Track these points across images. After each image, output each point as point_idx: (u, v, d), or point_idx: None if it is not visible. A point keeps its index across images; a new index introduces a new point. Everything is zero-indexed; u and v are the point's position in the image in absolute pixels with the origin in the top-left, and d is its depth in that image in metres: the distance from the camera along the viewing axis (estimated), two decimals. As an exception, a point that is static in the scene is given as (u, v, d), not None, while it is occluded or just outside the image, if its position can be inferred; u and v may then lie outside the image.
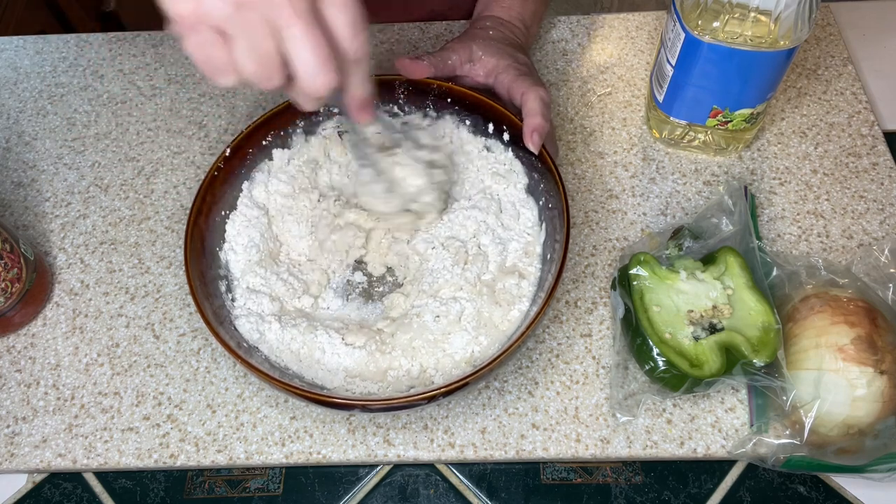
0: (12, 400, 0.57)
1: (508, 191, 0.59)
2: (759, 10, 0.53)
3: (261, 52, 0.37)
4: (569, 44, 0.76)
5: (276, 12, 0.36)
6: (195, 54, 0.37)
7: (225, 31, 0.36)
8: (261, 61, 0.37)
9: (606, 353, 0.57)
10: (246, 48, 0.37)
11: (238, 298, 0.55)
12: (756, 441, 0.51)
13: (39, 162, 0.71)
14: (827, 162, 0.66)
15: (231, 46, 0.37)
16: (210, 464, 0.54)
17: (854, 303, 0.51)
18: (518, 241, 0.57)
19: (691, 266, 0.55)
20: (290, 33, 0.36)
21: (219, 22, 0.36)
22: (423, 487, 0.53)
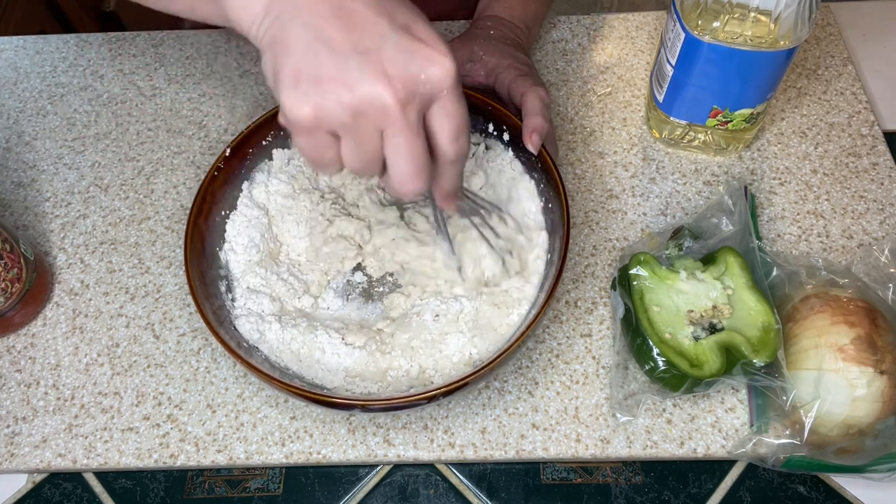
0: (12, 400, 0.57)
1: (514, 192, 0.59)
2: (759, 10, 0.53)
3: (366, 153, 0.39)
4: (569, 44, 0.76)
5: (387, 120, 0.37)
6: (307, 153, 0.39)
7: (337, 134, 0.38)
8: (364, 160, 0.39)
9: (606, 353, 0.57)
10: (354, 149, 0.38)
11: (238, 298, 0.55)
12: (756, 441, 0.51)
13: (39, 162, 0.71)
14: (827, 162, 0.66)
15: (340, 146, 0.39)
16: (210, 464, 0.54)
17: (854, 303, 0.51)
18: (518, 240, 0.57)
19: (691, 266, 0.55)
20: (394, 142, 0.38)
21: (334, 127, 0.37)
22: (423, 487, 0.53)
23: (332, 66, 0.36)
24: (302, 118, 0.37)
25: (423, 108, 0.38)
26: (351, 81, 0.36)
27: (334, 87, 0.36)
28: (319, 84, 0.36)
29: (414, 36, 0.37)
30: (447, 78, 0.37)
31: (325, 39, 0.36)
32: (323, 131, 0.38)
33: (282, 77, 0.37)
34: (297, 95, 0.36)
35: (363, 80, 0.36)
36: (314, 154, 0.39)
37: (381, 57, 0.36)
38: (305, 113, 0.36)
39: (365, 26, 0.36)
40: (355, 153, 0.39)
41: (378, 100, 0.36)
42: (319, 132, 0.38)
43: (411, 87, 0.37)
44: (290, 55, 0.37)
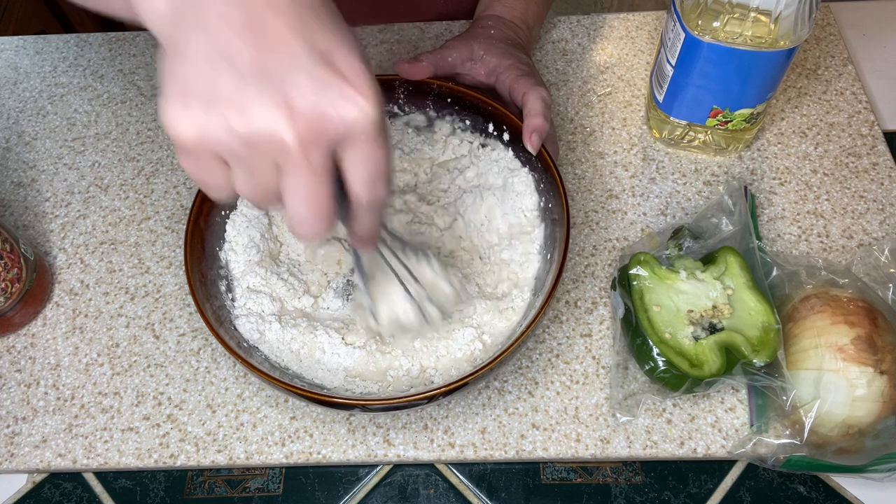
0: (12, 400, 0.57)
1: (511, 191, 0.59)
2: (759, 10, 0.53)
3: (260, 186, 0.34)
4: (569, 44, 0.76)
5: (284, 158, 0.32)
6: (189, 173, 0.35)
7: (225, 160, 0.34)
8: (257, 193, 0.35)
9: (606, 353, 0.57)
10: (245, 179, 0.34)
11: (238, 298, 0.55)
12: (756, 441, 0.51)
13: (39, 162, 0.71)
14: (827, 162, 0.66)
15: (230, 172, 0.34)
16: (210, 464, 0.54)
17: (854, 303, 0.51)
18: (518, 240, 0.57)
19: (691, 266, 0.55)
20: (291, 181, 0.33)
21: (221, 152, 0.33)
22: (423, 487, 0.53)
23: (228, 85, 0.31)
24: (183, 137, 0.32)
25: (333, 147, 0.33)
26: (247, 107, 0.31)
27: (226, 110, 0.31)
28: (210, 104, 0.32)
29: (333, 66, 0.32)
30: (363, 120, 0.32)
31: (227, 54, 0.31)
32: (207, 155, 0.33)
33: (170, 86, 0.32)
34: (181, 111, 0.32)
35: (261, 109, 0.31)
36: (197, 176, 0.35)
37: (287, 86, 0.31)
38: (187, 132, 0.32)
39: (277, 46, 0.32)
40: (246, 183, 0.34)
41: (275, 135, 0.31)
42: (203, 155, 0.33)
43: (318, 126, 0.32)
44: (183, 63, 0.32)
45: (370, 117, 0.32)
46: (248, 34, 0.31)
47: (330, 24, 0.33)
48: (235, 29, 0.31)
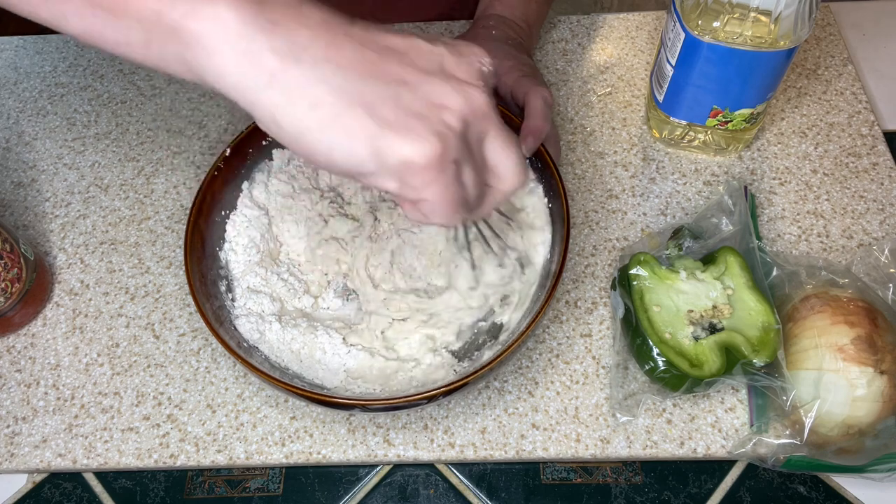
0: (12, 400, 0.57)
1: None
2: (759, 10, 0.53)
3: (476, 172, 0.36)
4: (569, 44, 0.76)
5: (487, 121, 0.36)
6: (440, 198, 0.34)
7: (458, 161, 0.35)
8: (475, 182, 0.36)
9: (606, 353, 0.57)
10: (469, 172, 0.36)
11: (238, 298, 0.55)
12: (756, 441, 0.51)
13: (39, 162, 0.71)
14: (827, 162, 0.66)
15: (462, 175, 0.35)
16: (210, 464, 0.54)
17: (854, 303, 0.51)
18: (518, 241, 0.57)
19: (691, 266, 0.55)
20: (498, 142, 0.36)
21: (457, 151, 0.34)
22: (423, 487, 0.53)
23: (419, 97, 0.33)
24: (435, 152, 0.33)
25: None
26: (445, 99, 0.34)
27: (435, 110, 0.33)
28: (422, 116, 0.33)
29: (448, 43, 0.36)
30: (491, 62, 0.38)
31: (395, 78, 0.33)
32: (450, 161, 0.34)
33: (380, 137, 0.32)
34: (414, 136, 0.32)
35: (454, 92, 0.34)
36: (450, 198, 0.35)
37: (449, 70, 0.35)
38: (435, 144, 0.33)
39: (414, 54, 0.35)
40: (475, 176, 0.36)
41: (474, 101, 0.35)
42: (448, 163, 0.34)
43: (484, 82, 0.36)
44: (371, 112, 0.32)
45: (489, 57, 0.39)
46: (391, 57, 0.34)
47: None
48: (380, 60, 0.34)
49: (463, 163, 0.35)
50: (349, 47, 0.33)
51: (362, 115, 0.32)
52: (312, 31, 0.32)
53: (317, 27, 0.33)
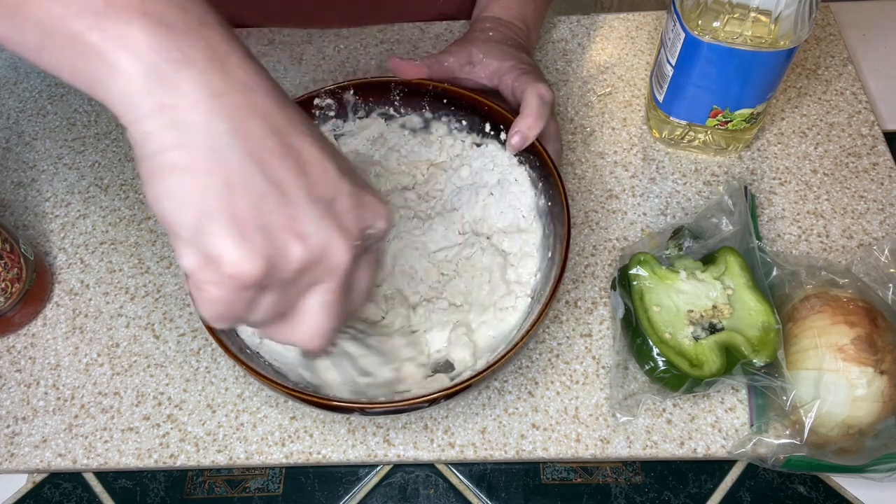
0: (12, 400, 0.57)
1: (507, 191, 0.59)
2: (759, 10, 0.53)
3: (281, 309, 0.34)
4: (569, 44, 0.76)
5: (330, 277, 0.33)
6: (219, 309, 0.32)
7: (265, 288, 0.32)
8: (273, 315, 0.34)
9: (606, 353, 0.57)
10: (272, 304, 0.33)
11: None
12: (756, 441, 0.51)
13: (39, 162, 0.71)
14: (827, 162, 0.66)
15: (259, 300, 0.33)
16: (210, 464, 0.54)
17: (854, 303, 0.51)
18: (517, 242, 0.57)
19: (691, 266, 0.55)
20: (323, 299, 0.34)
21: (275, 283, 0.32)
22: (423, 487, 0.53)
23: (284, 213, 0.31)
24: (250, 274, 0.30)
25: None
26: (306, 234, 0.31)
27: (288, 238, 0.31)
28: (270, 234, 0.31)
29: (358, 183, 0.34)
30: (386, 229, 0.36)
31: (276, 180, 0.31)
32: (255, 286, 0.31)
33: (215, 220, 0.30)
34: (245, 246, 0.30)
35: (322, 233, 0.32)
36: (229, 311, 0.32)
37: (337, 209, 0.33)
38: (257, 267, 0.30)
39: (315, 171, 0.32)
40: (271, 308, 0.33)
41: (334, 256, 0.32)
42: (251, 287, 0.31)
43: (360, 239, 0.34)
44: (228, 193, 0.30)
45: (389, 221, 0.35)
46: (289, 160, 0.31)
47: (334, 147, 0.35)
48: (275, 154, 0.31)
49: (269, 292, 0.33)
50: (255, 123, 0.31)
51: (219, 190, 0.30)
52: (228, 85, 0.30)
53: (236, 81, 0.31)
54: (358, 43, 0.77)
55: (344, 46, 0.77)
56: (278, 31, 0.78)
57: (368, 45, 0.76)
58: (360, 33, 0.77)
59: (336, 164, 0.33)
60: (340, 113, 0.61)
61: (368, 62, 0.75)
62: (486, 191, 0.59)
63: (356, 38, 0.77)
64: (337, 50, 0.76)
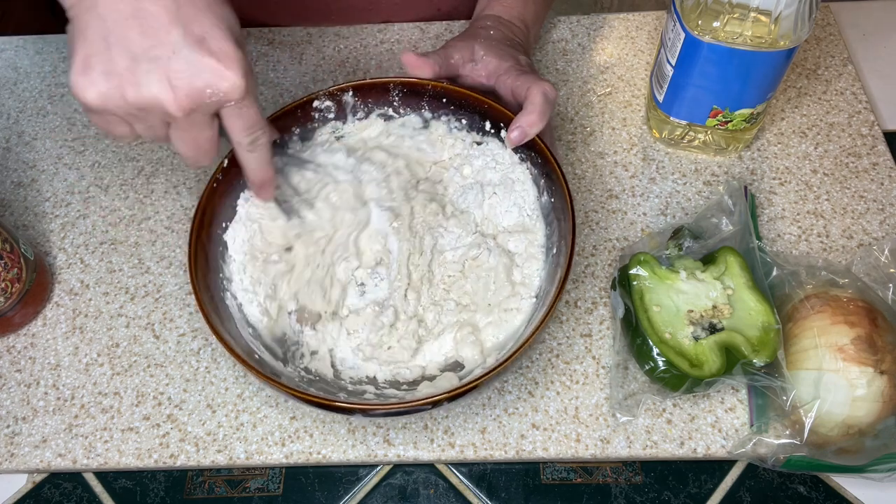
0: (12, 400, 0.57)
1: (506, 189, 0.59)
2: (759, 10, 0.53)
3: (153, 134, 0.43)
4: (569, 44, 0.76)
5: (170, 118, 0.42)
6: (97, 125, 0.43)
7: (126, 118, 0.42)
8: (154, 138, 0.44)
9: (606, 353, 0.57)
10: (142, 129, 0.43)
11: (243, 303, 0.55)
12: (756, 441, 0.51)
13: (39, 162, 0.71)
14: (827, 162, 0.66)
15: (132, 124, 0.43)
16: (210, 464, 0.54)
17: (854, 303, 0.51)
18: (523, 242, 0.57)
19: (691, 266, 0.55)
20: (176, 134, 0.43)
21: (119, 114, 0.41)
22: (423, 487, 0.53)
23: (122, 64, 0.39)
24: (88, 101, 0.40)
25: (212, 110, 0.42)
26: (138, 83, 0.39)
27: (121, 83, 0.39)
28: (108, 77, 0.39)
29: (206, 49, 0.40)
30: (234, 91, 0.41)
31: (119, 37, 0.39)
32: (109, 114, 0.41)
33: (75, 59, 0.40)
34: (85, 81, 0.39)
35: (149, 85, 0.39)
36: (103, 128, 0.43)
37: (169, 67, 0.39)
38: (91, 98, 0.40)
39: (159, 33, 0.39)
40: (145, 132, 0.43)
41: (160, 105, 0.40)
42: (106, 114, 0.41)
43: (195, 98, 0.40)
44: (84, 42, 0.39)
45: (238, 88, 0.41)
46: (135, 21, 0.39)
47: (206, 10, 0.40)
48: (124, 16, 0.39)
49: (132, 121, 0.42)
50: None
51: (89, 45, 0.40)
52: None
53: None
54: (358, 43, 0.77)
55: (344, 46, 0.77)
56: (278, 30, 0.78)
57: (368, 45, 0.76)
58: (360, 33, 0.77)
59: (183, 30, 0.39)
60: (340, 115, 0.61)
61: (368, 62, 0.75)
62: (491, 189, 0.59)
63: (356, 37, 0.77)
64: (337, 50, 0.76)
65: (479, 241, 0.56)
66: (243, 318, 0.54)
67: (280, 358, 0.53)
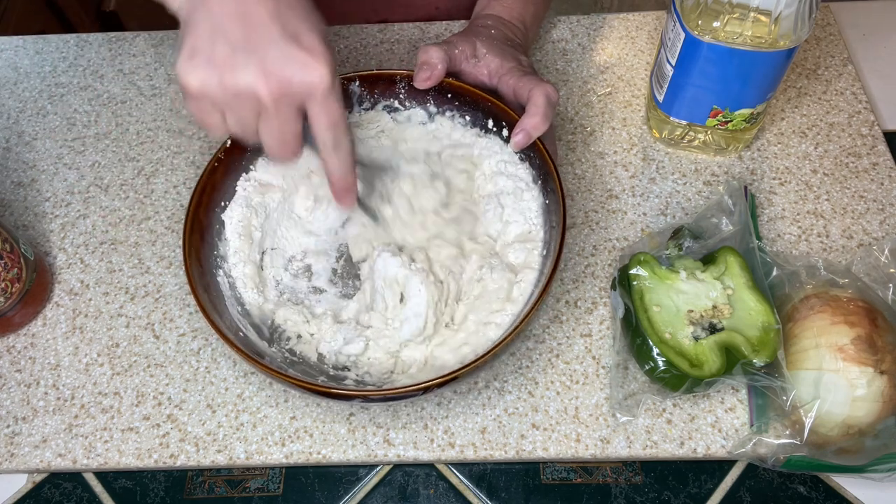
0: (12, 400, 0.57)
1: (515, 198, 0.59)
2: (759, 10, 0.53)
3: (244, 126, 0.45)
4: (569, 44, 0.76)
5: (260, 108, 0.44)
6: (192, 113, 0.46)
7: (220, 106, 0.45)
8: (242, 130, 0.46)
9: (606, 353, 0.57)
10: (233, 119, 0.45)
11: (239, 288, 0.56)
12: (756, 441, 0.51)
13: (39, 162, 0.71)
14: (827, 162, 0.66)
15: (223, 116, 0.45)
16: (210, 464, 0.54)
17: (854, 303, 0.51)
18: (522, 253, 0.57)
19: (691, 266, 0.55)
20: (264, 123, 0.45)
21: (216, 100, 0.44)
22: (423, 487, 0.53)
23: (223, 53, 0.42)
24: (189, 86, 0.43)
25: (299, 102, 0.44)
26: (235, 69, 0.42)
27: (221, 70, 0.42)
28: (210, 64, 0.43)
29: (300, 44, 0.43)
30: (321, 84, 0.43)
31: (223, 31, 0.43)
32: (206, 101, 0.44)
33: (183, 48, 0.43)
34: (189, 66, 0.43)
35: (246, 71, 0.42)
36: (197, 116, 0.45)
37: (265, 57, 0.42)
38: (193, 82, 0.43)
39: (258, 28, 0.42)
40: (234, 123, 0.45)
41: (253, 91, 0.43)
42: (204, 100, 0.44)
43: (285, 88, 0.43)
44: (192, 34, 0.43)
45: (325, 80, 0.43)
46: (238, 18, 0.43)
47: (301, 11, 0.44)
48: (229, 14, 0.43)
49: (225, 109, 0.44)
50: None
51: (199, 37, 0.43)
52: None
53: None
54: (358, 42, 0.77)
55: (344, 46, 0.77)
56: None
57: (368, 44, 0.76)
58: (360, 33, 0.77)
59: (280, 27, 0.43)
60: (345, 104, 0.61)
61: (368, 62, 0.75)
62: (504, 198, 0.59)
63: (356, 37, 0.77)
64: (337, 50, 0.76)
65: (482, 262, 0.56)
66: (234, 297, 0.55)
67: (266, 338, 0.54)
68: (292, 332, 0.55)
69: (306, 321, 0.55)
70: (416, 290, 0.53)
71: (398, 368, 0.53)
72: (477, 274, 0.55)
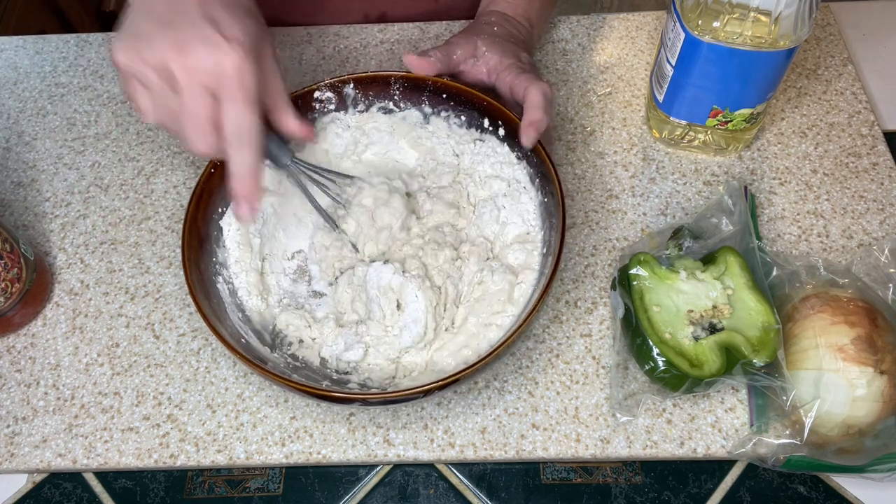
0: (12, 400, 0.57)
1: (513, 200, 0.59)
2: (759, 10, 0.53)
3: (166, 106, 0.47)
4: (569, 44, 0.76)
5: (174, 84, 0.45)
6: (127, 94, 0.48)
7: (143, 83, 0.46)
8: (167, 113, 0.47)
9: (606, 353, 0.57)
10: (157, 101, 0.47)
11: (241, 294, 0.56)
12: (756, 441, 0.51)
13: (39, 162, 0.71)
14: (827, 162, 0.66)
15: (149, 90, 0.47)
16: (210, 464, 0.54)
17: (854, 303, 0.51)
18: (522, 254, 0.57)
19: (691, 266, 0.55)
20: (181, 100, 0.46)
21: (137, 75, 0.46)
22: (423, 487, 0.53)
23: (147, 29, 0.46)
24: (117, 61, 0.46)
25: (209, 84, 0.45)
26: (152, 43, 0.45)
27: (141, 44, 0.45)
28: (133, 38, 0.46)
29: (217, 27, 0.45)
30: (230, 70, 0.45)
31: (151, 10, 0.46)
32: (133, 77, 0.46)
33: (121, 26, 0.47)
34: (118, 44, 0.46)
35: (161, 45, 0.45)
36: (128, 94, 0.48)
37: (180, 34, 0.45)
38: (120, 58, 0.46)
39: (182, 10, 0.45)
40: (158, 105, 0.47)
41: (165, 65, 0.45)
42: (130, 78, 0.46)
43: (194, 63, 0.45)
44: (128, 16, 0.47)
45: (233, 67, 0.45)
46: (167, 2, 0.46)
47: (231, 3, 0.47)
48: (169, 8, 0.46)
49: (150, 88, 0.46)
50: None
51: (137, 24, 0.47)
52: None
53: None
54: (358, 43, 0.77)
55: (344, 46, 0.77)
56: (279, 30, 0.78)
57: (368, 44, 0.76)
58: (360, 33, 0.77)
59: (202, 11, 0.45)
60: (340, 106, 0.61)
61: (368, 62, 0.75)
62: (500, 201, 0.59)
63: (356, 37, 0.77)
64: (337, 50, 0.76)
65: (482, 265, 0.56)
66: (234, 303, 0.55)
67: (268, 344, 0.53)
68: (294, 337, 0.55)
69: (308, 325, 0.55)
70: (412, 297, 0.53)
71: (399, 373, 0.53)
72: (477, 276, 0.55)
